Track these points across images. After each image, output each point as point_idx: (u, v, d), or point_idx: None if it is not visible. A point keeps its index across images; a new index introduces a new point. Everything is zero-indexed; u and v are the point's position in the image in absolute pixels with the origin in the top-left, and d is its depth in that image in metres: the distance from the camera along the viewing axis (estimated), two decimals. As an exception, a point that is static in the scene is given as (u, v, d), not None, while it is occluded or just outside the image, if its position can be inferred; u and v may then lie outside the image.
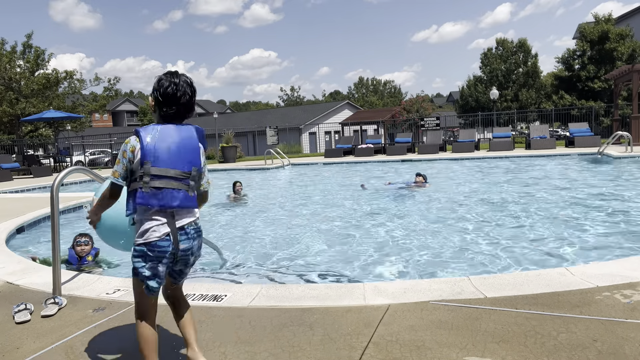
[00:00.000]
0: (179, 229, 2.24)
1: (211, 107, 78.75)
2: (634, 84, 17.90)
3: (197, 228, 2.33)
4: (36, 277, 4.27)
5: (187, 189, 2.23)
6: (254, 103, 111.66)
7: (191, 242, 2.28)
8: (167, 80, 2.24)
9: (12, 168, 19.01)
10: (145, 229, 2.19)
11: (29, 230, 7.26)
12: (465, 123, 37.11)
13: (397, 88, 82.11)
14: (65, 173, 3.82)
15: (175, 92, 2.22)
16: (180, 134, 2.24)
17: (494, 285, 3.38)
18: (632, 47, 35.10)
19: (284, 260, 5.37)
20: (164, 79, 2.25)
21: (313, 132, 41.52)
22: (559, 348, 2.41)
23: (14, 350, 2.80)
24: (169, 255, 2.22)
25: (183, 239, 2.25)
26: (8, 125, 28.04)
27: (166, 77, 2.26)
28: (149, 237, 2.18)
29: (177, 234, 2.23)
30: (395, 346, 2.54)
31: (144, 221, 2.21)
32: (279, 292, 3.52)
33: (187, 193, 2.23)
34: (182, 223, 2.25)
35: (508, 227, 6.40)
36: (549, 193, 9.05)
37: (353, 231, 6.65)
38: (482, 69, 43.62)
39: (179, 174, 2.21)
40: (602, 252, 4.98)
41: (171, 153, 2.19)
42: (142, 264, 2.20)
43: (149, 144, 2.17)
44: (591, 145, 17.84)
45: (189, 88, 2.27)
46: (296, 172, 17.13)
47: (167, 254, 2.21)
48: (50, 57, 28.23)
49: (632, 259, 3.93)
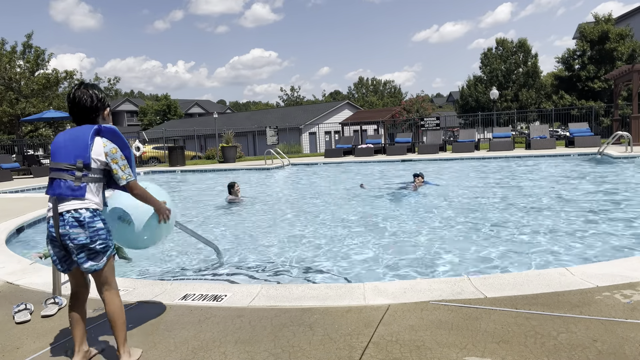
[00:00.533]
0: (60, 214, 2.44)
1: (211, 107, 78.75)
2: (634, 84, 17.90)
3: (77, 214, 2.44)
4: (36, 277, 4.27)
5: (72, 179, 2.44)
6: (254, 103, 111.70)
7: (67, 228, 2.43)
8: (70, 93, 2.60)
9: (12, 168, 19.01)
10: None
11: (28, 230, 7.25)
12: (465, 123, 37.11)
13: (397, 88, 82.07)
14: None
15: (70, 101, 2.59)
16: (70, 132, 2.55)
17: (494, 285, 3.38)
18: (632, 47, 35.09)
19: (284, 260, 5.37)
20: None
21: (313, 132, 41.52)
22: (559, 348, 2.41)
23: (14, 350, 2.80)
24: (53, 238, 2.49)
25: (61, 224, 2.44)
26: (8, 125, 28.08)
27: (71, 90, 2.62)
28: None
29: (58, 220, 2.45)
30: (395, 346, 2.54)
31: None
32: (279, 292, 3.52)
33: (72, 183, 2.44)
34: (63, 209, 2.44)
35: (508, 227, 6.40)
36: (549, 193, 9.05)
37: (353, 231, 6.65)
38: (482, 69, 43.61)
39: (65, 166, 2.46)
40: (602, 252, 4.98)
41: (59, 149, 2.51)
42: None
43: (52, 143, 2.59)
44: (591, 145, 17.84)
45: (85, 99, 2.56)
46: (296, 172, 17.13)
47: (51, 236, 2.50)
48: (50, 57, 28.29)
49: (632, 259, 3.93)
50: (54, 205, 2.46)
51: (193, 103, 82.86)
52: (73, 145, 2.46)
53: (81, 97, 2.53)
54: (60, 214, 2.44)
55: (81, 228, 2.43)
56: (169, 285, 3.87)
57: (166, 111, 66.25)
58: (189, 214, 8.80)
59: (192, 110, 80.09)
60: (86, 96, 2.53)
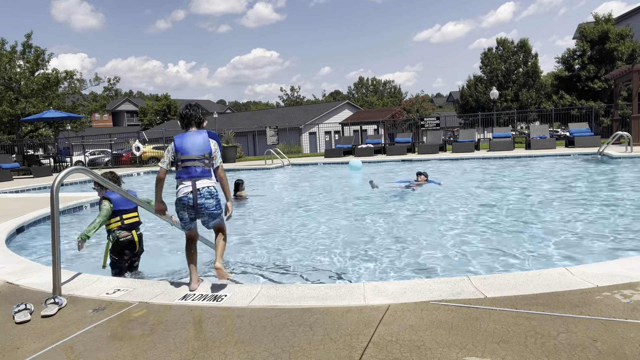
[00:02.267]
0: (198, 190, 3.61)
1: (211, 107, 78.71)
2: (634, 84, 17.90)
3: (209, 190, 3.65)
4: (36, 277, 4.27)
5: (203, 165, 3.66)
6: (254, 103, 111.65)
7: (204, 199, 3.63)
8: (184, 111, 3.85)
9: (12, 168, 19.01)
10: (178, 189, 3.68)
11: (28, 230, 7.25)
12: (465, 123, 37.08)
13: (397, 88, 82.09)
14: (65, 173, 3.82)
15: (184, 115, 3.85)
16: (190, 135, 3.76)
17: (494, 285, 3.38)
18: (632, 47, 35.06)
19: (284, 260, 5.37)
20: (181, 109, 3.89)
21: (313, 132, 41.50)
22: (559, 348, 2.41)
23: (14, 350, 2.80)
24: (190, 206, 3.66)
25: (199, 196, 3.62)
26: (8, 125, 28.05)
27: (184, 109, 3.87)
28: (178, 193, 3.68)
29: (196, 193, 3.62)
30: (395, 346, 2.54)
31: (178, 185, 3.69)
32: (279, 292, 3.52)
33: (204, 167, 3.65)
34: (199, 186, 3.62)
35: (508, 227, 6.40)
36: (548, 193, 9.05)
37: (352, 231, 6.65)
38: (482, 69, 43.59)
39: (197, 157, 3.65)
40: (602, 252, 4.98)
41: (188, 147, 3.67)
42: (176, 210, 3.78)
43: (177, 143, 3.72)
44: (591, 145, 17.84)
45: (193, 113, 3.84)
46: (296, 172, 17.12)
47: (188, 205, 3.67)
48: (50, 57, 28.23)
49: (632, 259, 3.93)
50: (193, 183, 3.60)
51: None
52: (198, 143, 3.66)
53: (193, 114, 3.80)
54: (198, 189, 3.59)
55: (212, 199, 3.66)
56: (169, 285, 3.87)
57: (166, 111, 66.25)
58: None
59: (192, 110, 79.98)
60: (195, 113, 3.81)
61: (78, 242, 4.29)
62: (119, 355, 2.65)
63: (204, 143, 3.67)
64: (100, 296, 3.69)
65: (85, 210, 9.16)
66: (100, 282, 4.06)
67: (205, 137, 3.69)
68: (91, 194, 10.27)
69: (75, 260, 5.65)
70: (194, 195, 3.57)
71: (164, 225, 6.92)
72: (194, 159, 3.59)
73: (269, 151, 19.97)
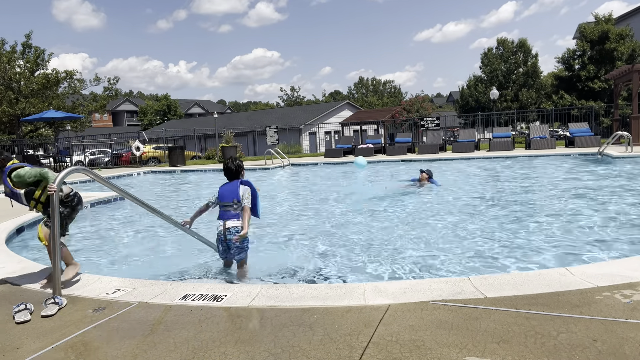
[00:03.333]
0: (227, 229, 4.49)
1: (211, 107, 78.79)
2: (634, 84, 17.89)
3: (236, 228, 4.47)
4: (36, 277, 4.27)
5: (233, 210, 4.54)
6: (254, 103, 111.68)
7: (231, 236, 4.47)
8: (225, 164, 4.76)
9: (12, 168, 18.98)
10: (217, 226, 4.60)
11: (28, 231, 7.25)
12: (465, 123, 37.09)
13: (397, 88, 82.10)
14: (65, 173, 3.82)
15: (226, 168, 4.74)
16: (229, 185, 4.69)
17: (494, 285, 3.38)
18: (632, 47, 35.06)
19: (284, 260, 5.37)
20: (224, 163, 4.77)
21: (313, 132, 41.50)
22: (559, 348, 2.41)
23: (14, 350, 2.80)
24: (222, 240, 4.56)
25: (228, 234, 4.49)
26: (8, 125, 28.05)
27: (225, 162, 4.74)
28: (217, 230, 4.60)
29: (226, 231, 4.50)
30: (395, 346, 2.54)
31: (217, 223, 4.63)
32: (279, 292, 3.52)
33: (233, 211, 4.53)
34: (228, 225, 4.50)
35: (508, 227, 6.40)
36: (548, 193, 9.05)
37: (352, 231, 6.65)
38: (482, 69, 43.59)
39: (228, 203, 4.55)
40: (602, 252, 4.98)
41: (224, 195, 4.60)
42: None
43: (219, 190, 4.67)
44: (591, 145, 17.83)
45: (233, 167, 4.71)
46: (296, 172, 17.12)
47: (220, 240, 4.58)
48: (50, 57, 28.23)
49: (632, 259, 3.93)
50: (224, 223, 4.50)
51: (193, 103, 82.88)
52: (231, 192, 4.55)
53: (234, 166, 4.66)
54: (227, 228, 4.47)
55: (235, 236, 4.45)
56: (169, 285, 3.87)
57: (166, 111, 66.25)
58: (189, 215, 8.77)
59: (192, 110, 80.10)
60: (234, 166, 4.67)
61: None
62: (119, 355, 2.65)
63: (234, 191, 4.55)
64: (100, 296, 3.69)
65: (85, 210, 9.16)
66: (100, 282, 4.06)
67: (235, 187, 4.56)
68: (91, 194, 10.27)
69: (75, 260, 5.63)
70: (224, 231, 4.47)
71: (164, 225, 6.91)
72: (226, 205, 4.52)
73: (269, 151, 19.96)
